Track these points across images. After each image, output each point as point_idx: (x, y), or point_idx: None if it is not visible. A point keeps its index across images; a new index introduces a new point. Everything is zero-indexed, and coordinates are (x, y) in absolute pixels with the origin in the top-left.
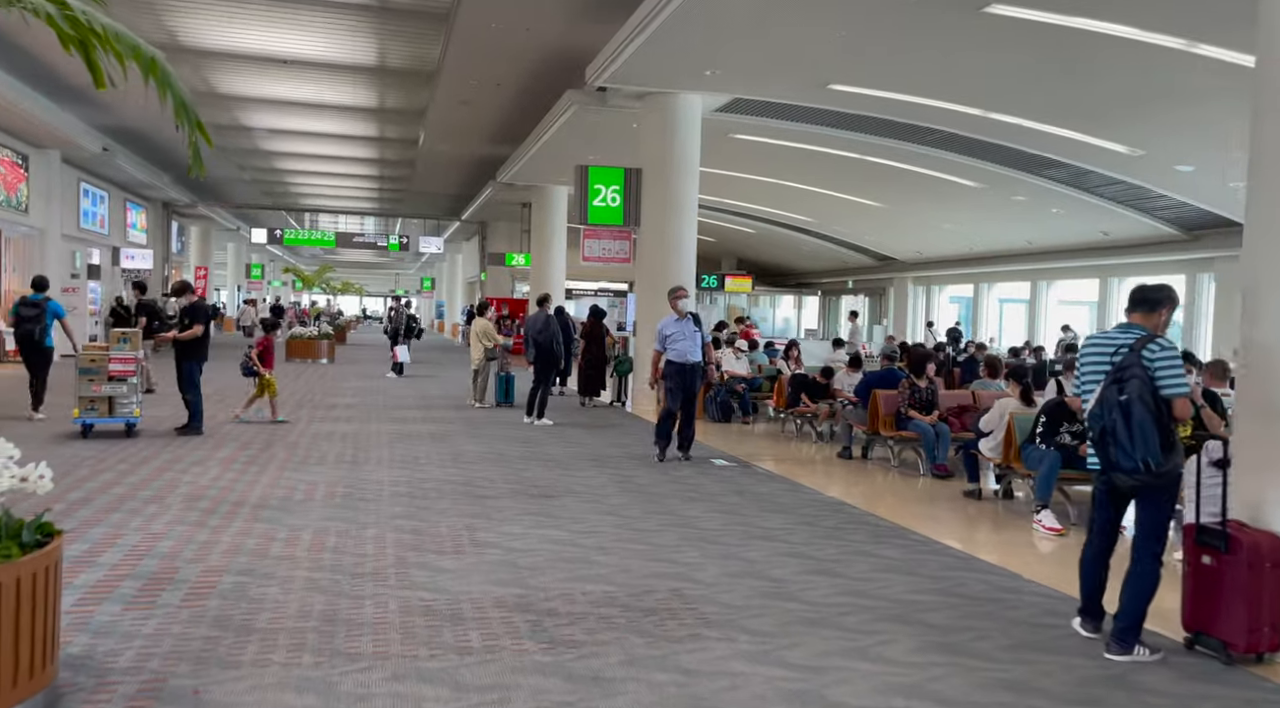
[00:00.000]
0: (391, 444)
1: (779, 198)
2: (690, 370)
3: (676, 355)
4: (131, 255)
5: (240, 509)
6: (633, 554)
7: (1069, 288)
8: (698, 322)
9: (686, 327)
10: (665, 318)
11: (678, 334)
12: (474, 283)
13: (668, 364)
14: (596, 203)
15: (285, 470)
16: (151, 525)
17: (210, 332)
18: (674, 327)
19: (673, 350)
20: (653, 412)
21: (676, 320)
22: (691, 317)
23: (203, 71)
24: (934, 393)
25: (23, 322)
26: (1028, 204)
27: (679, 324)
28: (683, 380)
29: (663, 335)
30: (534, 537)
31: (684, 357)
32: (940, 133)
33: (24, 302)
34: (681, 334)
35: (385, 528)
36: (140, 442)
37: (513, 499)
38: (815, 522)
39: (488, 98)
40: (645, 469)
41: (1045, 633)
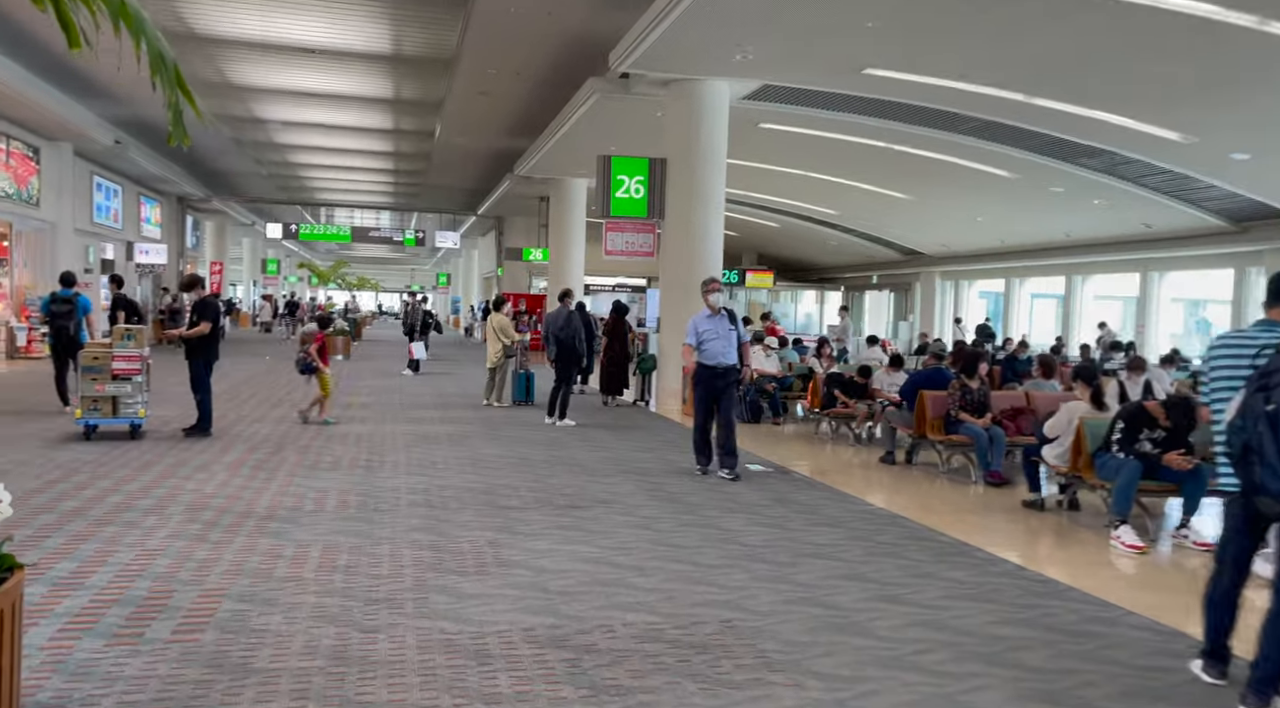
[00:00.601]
0: (408, 447)
1: (804, 190)
2: (723, 375)
3: (708, 357)
4: (146, 250)
5: (245, 521)
6: (674, 576)
7: (1105, 283)
8: (733, 319)
9: (720, 324)
10: (697, 314)
11: (710, 333)
12: (490, 278)
13: (698, 368)
14: (619, 194)
15: (295, 476)
16: (148, 540)
17: (225, 328)
18: (706, 324)
19: (705, 351)
20: (679, 411)
21: (709, 317)
22: (726, 313)
23: (216, 62)
24: (986, 394)
25: (56, 318)
26: (1066, 195)
27: (712, 321)
28: (713, 387)
29: (695, 331)
30: (563, 555)
31: (717, 359)
32: (976, 121)
33: (55, 298)
34: (715, 333)
35: (401, 543)
36: (144, 444)
37: (538, 510)
38: (869, 536)
39: (506, 87)
40: (676, 476)
41: (1159, 679)
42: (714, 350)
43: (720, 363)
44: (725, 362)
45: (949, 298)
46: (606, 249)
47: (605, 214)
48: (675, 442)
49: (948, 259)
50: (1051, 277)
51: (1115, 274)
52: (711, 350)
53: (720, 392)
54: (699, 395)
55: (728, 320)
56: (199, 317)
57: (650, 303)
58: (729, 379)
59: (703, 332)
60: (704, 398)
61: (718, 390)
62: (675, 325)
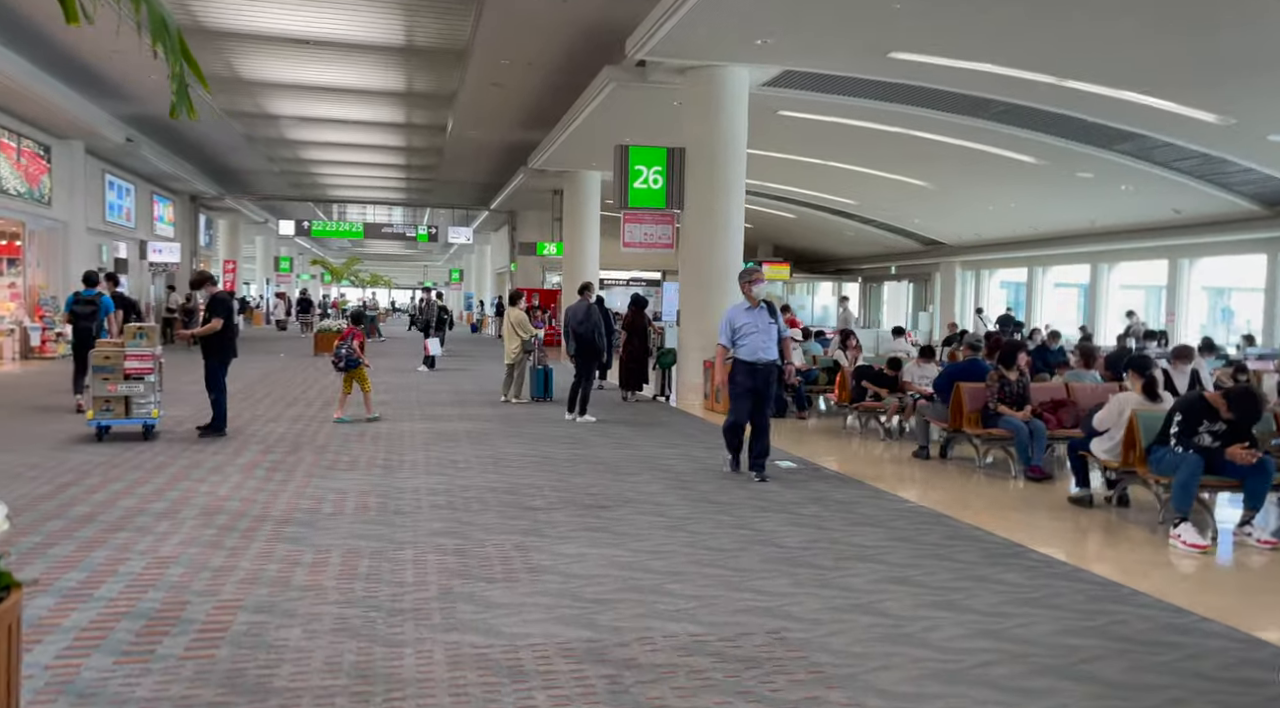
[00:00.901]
0: (427, 446)
1: (822, 180)
2: (764, 372)
3: (747, 353)
4: (159, 249)
5: (261, 525)
6: (713, 582)
7: (1131, 270)
8: (773, 312)
9: (760, 318)
10: (733, 306)
11: (749, 326)
12: (503, 273)
13: (736, 364)
14: (637, 185)
15: (312, 477)
16: (161, 547)
17: (240, 326)
18: (745, 317)
19: (743, 347)
20: (700, 406)
21: (748, 309)
22: (766, 306)
23: (225, 54)
24: (1025, 386)
25: (80, 318)
26: (1093, 181)
27: (751, 314)
28: (753, 384)
29: (731, 327)
30: (595, 559)
31: (756, 355)
32: (1004, 105)
33: (79, 298)
34: (754, 326)
35: (425, 548)
36: (158, 445)
37: (565, 511)
38: (913, 537)
39: (519, 79)
40: (704, 473)
41: (1253, 694)
42: (753, 345)
43: (760, 359)
44: (765, 357)
45: (969, 288)
46: (624, 241)
47: (623, 205)
48: (699, 437)
49: (969, 248)
50: (1076, 265)
51: (1142, 261)
52: (750, 345)
53: (759, 390)
54: (735, 392)
55: (767, 313)
56: (210, 314)
57: (666, 296)
58: (769, 377)
59: (740, 326)
60: (741, 396)
61: (756, 388)
62: (695, 319)
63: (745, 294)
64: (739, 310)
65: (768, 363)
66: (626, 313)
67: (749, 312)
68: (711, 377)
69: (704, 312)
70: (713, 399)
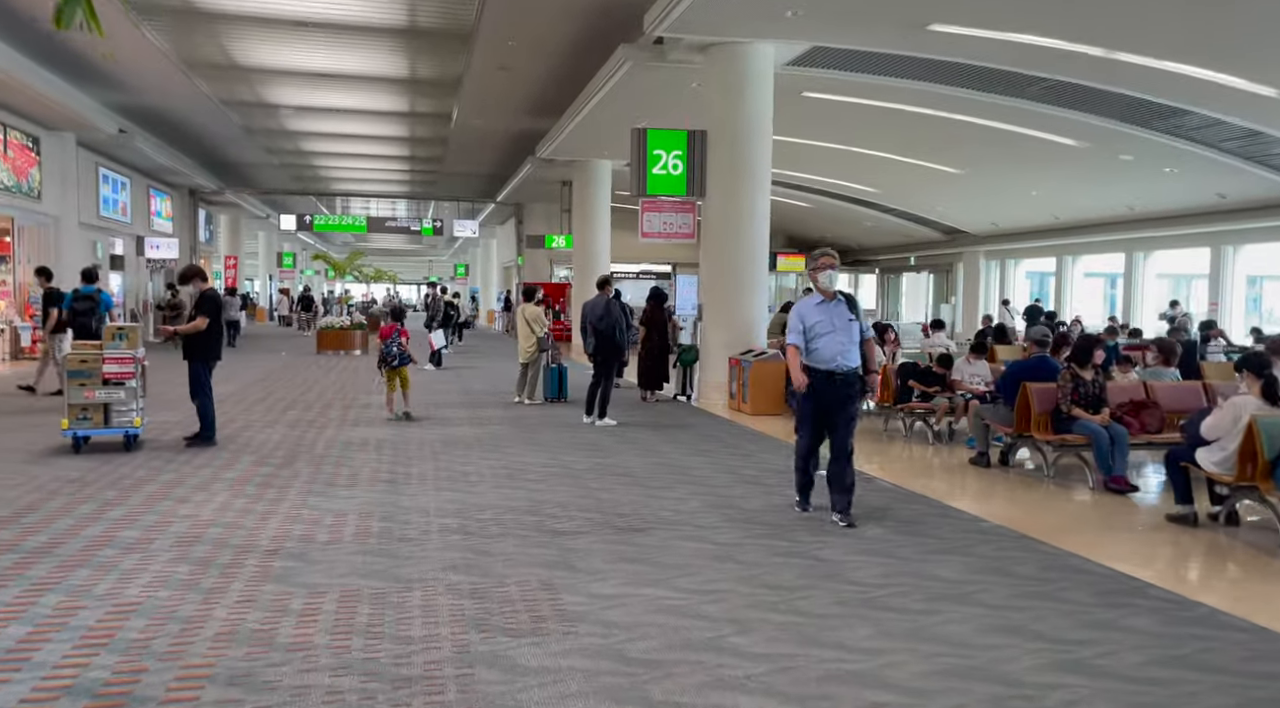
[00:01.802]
0: (435, 455)
1: (843, 167)
2: (842, 383)
3: (822, 359)
4: (157, 245)
5: (246, 558)
6: (783, 633)
7: (1167, 259)
8: (853, 306)
9: (837, 314)
10: (803, 300)
11: (823, 325)
12: (510, 267)
13: (807, 371)
14: (656, 171)
15: (309, 495)
16: (125, 589)
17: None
18: (818, 313)
19: (816, 351)
20: (725, 406)
21: (820, 303)
22: (843, 299)
23: (220, 38)
24: (1102, 387)
25: (79, 315)
26: (1135, 163)
27: (825, 309)
28: (828, 399)
29: (801, 326)
30: (637, 602)
31: (834, 361)
32: (1047, 83)
33: (78, 295)
34: (829, 324)
35: (435, 588)
36: (139, 457)
37: (594, 535)
38: (1005, 568)
39: (528, 61)
40: (744, 487)
41: None
42: (829, 349)
43: (839, 366)
44: (845, 364)
45: (994, 278)
46: (643, 231)
47: (640, 193)
48: (730, 443)
49: (994, 237)
50: (1109, 254)
51: (1183, 249)
52: (826, 349)
53: (837, 406)
54: (806, 411)
55: (845, 308)
56: (198, 311)
57: (680, 290)
58: (850, 389)
59: (813, 325)
60: (813, 414)
61: (833, 404)
62: (718, 313)
63: (814, 284)
64: (810, 305)
65: (848, 372)
66: (645, 308)
67: (822, 306)
68: (738, 375)
69: (728, 306)
70: (739, 399)
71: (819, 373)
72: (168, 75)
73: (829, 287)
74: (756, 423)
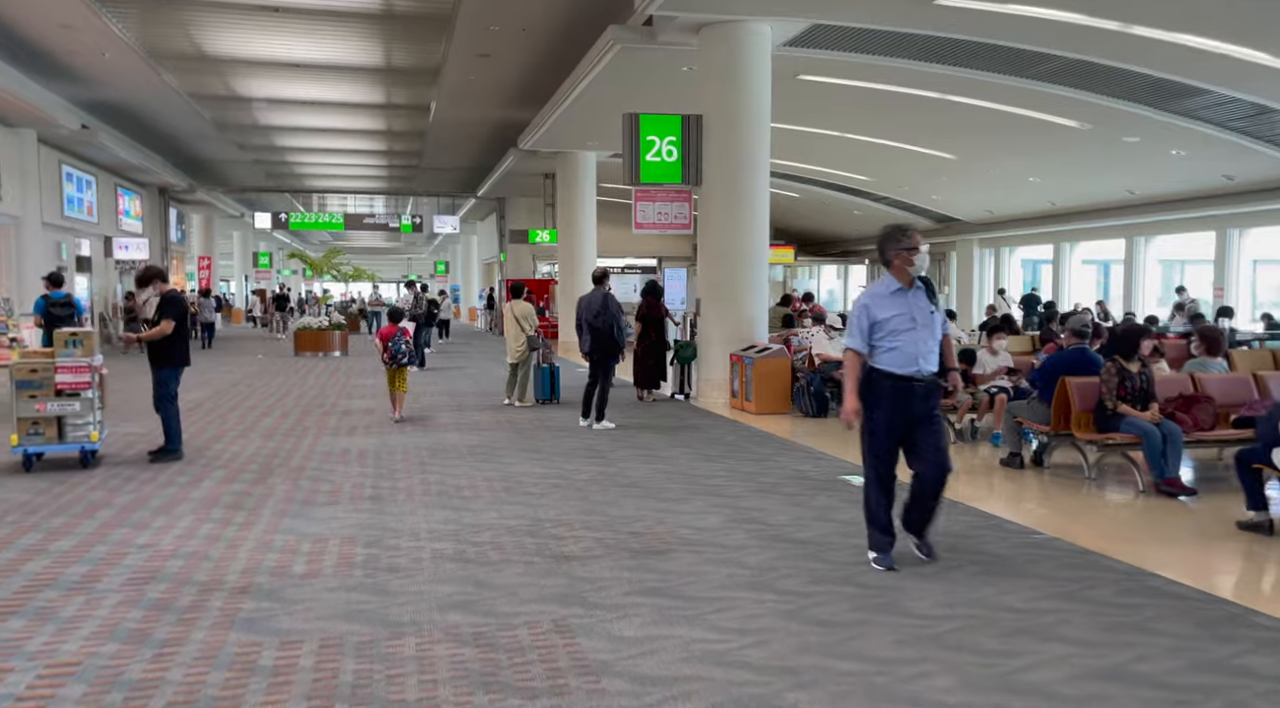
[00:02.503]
0: (424, 466)
1: (836, 155)
2: (924, 394)
3: (899, 361)
4: (126, 245)
5: (210, 598)
6: (849, 685)
7: (1169, 244)
8: (933, 295)
9: (917, 304)
10: (871, 289)
11: (901, 320)
12: (492, 264)
13: (877, 378)
14: (649, 158)
15: (284, 516)
16: (63, 644)
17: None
18: (893, 304)
19: (892, 351)
20: (726, 405)
21: (896, 292)
22: (922, 285)
23: (187, 26)
24: (1150, 380)
25: (56, 320)
26: (1140, 145)
27: (901, 299)
28: (905, 413)
29: (869, 321)
30: (670, 647)
31: (914, 365)
32: (1055, 62)
33: (52, 301)
34: (908, 319)
35: (431, 633)
36: (97, 475)
37: (608, 560)
38: (1079, 593)
39: (510, 47)
40: (764, 497)
41: None
42: (908, 350)
43: (920, 371)
44: (928, 368)
45: (988, 267)
46: (636, 222)
47: (634, 181)
48: (738, 446)
49: (988, 225)
50: (1108, 240)
51: (1185, 234)
52: (905, 350)
53: (918, 423)
54: (877, 427)
55: (925, 297)
56: (161, 315)
57: (669, 284)
58: (933, 400)
59: (887, 319)
60: (887, 432)
61: (913, 421)
62: (717, 307)
63: (897, 270)
64: (881, 294)
65: (928, 377)
66: (641, 303)
67: (898, 296)
68: (740, 373)
69: (727, 299)
70: (742, 398)
71: (895, 381)
72: (133, 67)
73: (916, 272)
74: (762, 423)
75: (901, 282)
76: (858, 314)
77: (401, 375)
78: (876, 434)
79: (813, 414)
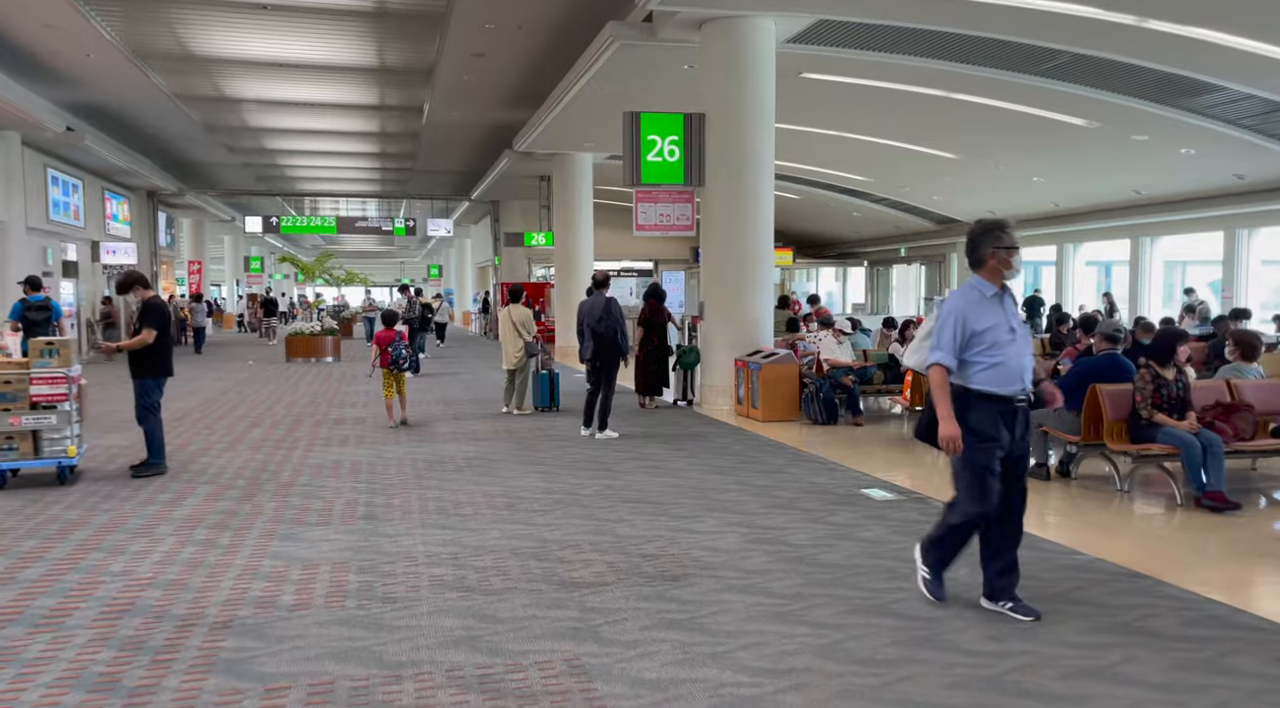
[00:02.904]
0: (420, 479)
1: (837, 155)
2: (1024, 415)
3: (1000, 380)
4: (114, 250)
5: (188, 635)
6: None
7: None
8: (1014, 300)
9: (1011, 311)
10: (962, 292)
11: (1001, 328)
12: (486, 267)
13: (976, 401)
14: (651, 157)
15: (272, 538)
16: (22, 693)
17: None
18: (989, 313)
19: (995, 367)
20: (730, 412)
21: (990, 298)
22: (1008, 294)
23: (173, 25)
24: (1187, 387)
25: (34, 325)
26: (1149, 144)
27: (996, 305)
28: (1011, 438)
29: (965, 331)
30: (697, 693)
31: (1017, 381)
32: (1065, 58)
33: (29, 305)
34: (1005, 330)
35: (433, 676)
36: (75, 493)
37: (623, 589)
38: (1137, 623)
39: (506, 46)
40: (781, 514)
41: None
42: (1013, 364)
43: (1024, 388)
44: (1028, 385)
45: None
46: (637, 225)
47: (635, 182)
48: (748, 456)
49: None
50: (1113, 240)
51: (1192, 234)
52: (1010, 364)
53: (1019, 451)
54: (978, 459)
55: (1012, 303)
56: (142, 323)
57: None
58: (1027, 422)
59: (987, 329)
60: (989, 464)
61: (1014, 449)
62: (721, 311)
63: (991, 272)
64: (975, 300)
65: (1024, 397)
66: (643, 307)
67: (994, 302)
68: (746, 378)
69: (731, 303)
70: (748, 404)
71: (997, 403)
72: (119, 68)
73: (1013, 275)
74: (770, 431)
75: (995, 285)
76: (949, 322)
77: (401, 380)
78: (981, 468)
79: (822, 422)
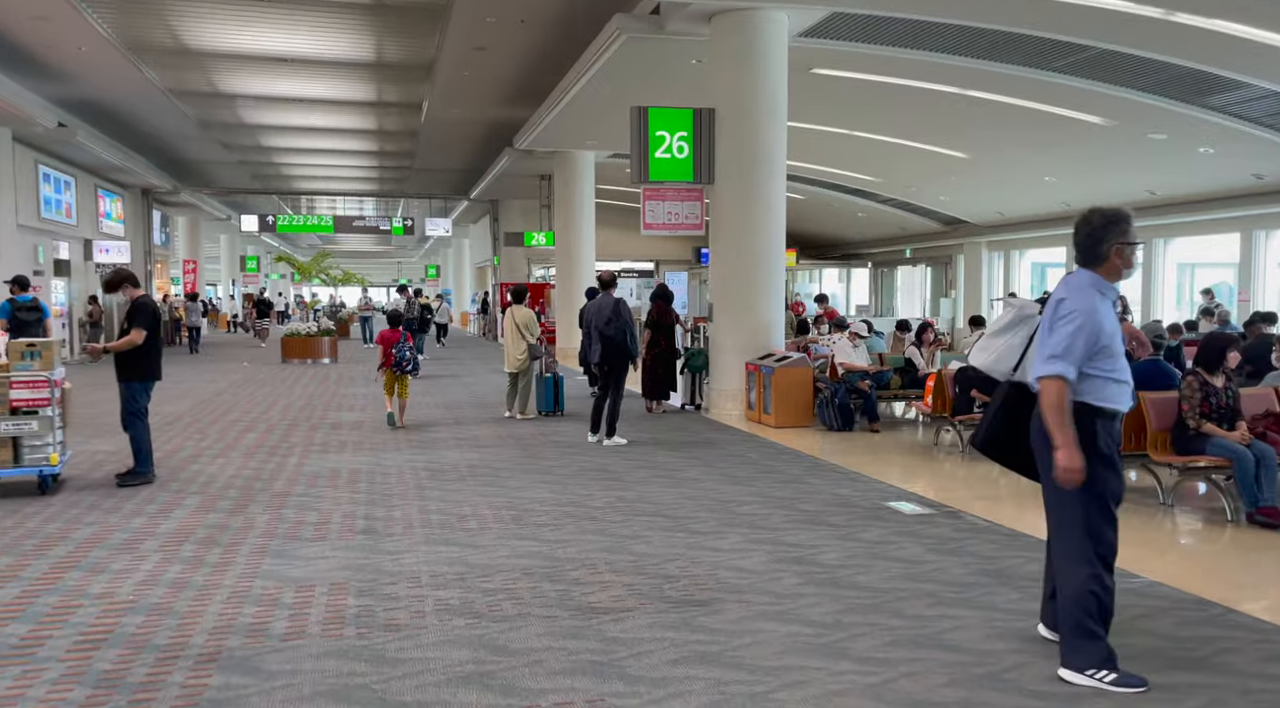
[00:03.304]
0: (421, 490)
1: (845, 154)
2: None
3: (1124, 396)
4: (107, 249)
5: (170, 671)
6: None
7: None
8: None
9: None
10: (1089, 288)
11: (1117, 336)
12: (484, 267)
13: (1103, 421)
14: (659, 154)
15: (264, 555)
16: None
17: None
18: (1110, 318)
19: (1112, 381)
20: (741, 417)
21: (1109, 298)
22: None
23: (167, 18)
24: (1236, 396)
25: (24, 325)
26: (1166, 143)
27: (1111, 309)
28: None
29: (1100, 337)
30: None
31: (1132, 397)
32: (1083, 53)
33: (19, 305)
34: (1120, 339)
35: None
36: (56, 503)
37: (643, 614)
38: (1211, 659)
39: (508, 41)
40: (808, 529)
41: None
42: (1130, 379)
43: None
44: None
45: (998, 270)
46: (645, 223)
47: (642, 179)
48: (764, 465)
49: (998, 227)
50: None
51: (1208, 235)
52: (1130, 379)
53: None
54: (1108, 490)
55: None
56: (130, 324)
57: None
58: None
59: (1111, 338)
60: (1116, 494)
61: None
62: (731, 313)
63: (1110, 269)
64: (1090, 296)
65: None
66: (651, 309)
67: (1110, 306)
68: (757, 382)
69: (741, 304)
70: (759, 410)
71: (1113, 422)
72: (111, 62)
73: (1131, 271)
74: (783, 437)
75: (1114, 285)
76: (1083, 325)
77: (403, 382)
78: (1116, 498)
79: (838, 428)
